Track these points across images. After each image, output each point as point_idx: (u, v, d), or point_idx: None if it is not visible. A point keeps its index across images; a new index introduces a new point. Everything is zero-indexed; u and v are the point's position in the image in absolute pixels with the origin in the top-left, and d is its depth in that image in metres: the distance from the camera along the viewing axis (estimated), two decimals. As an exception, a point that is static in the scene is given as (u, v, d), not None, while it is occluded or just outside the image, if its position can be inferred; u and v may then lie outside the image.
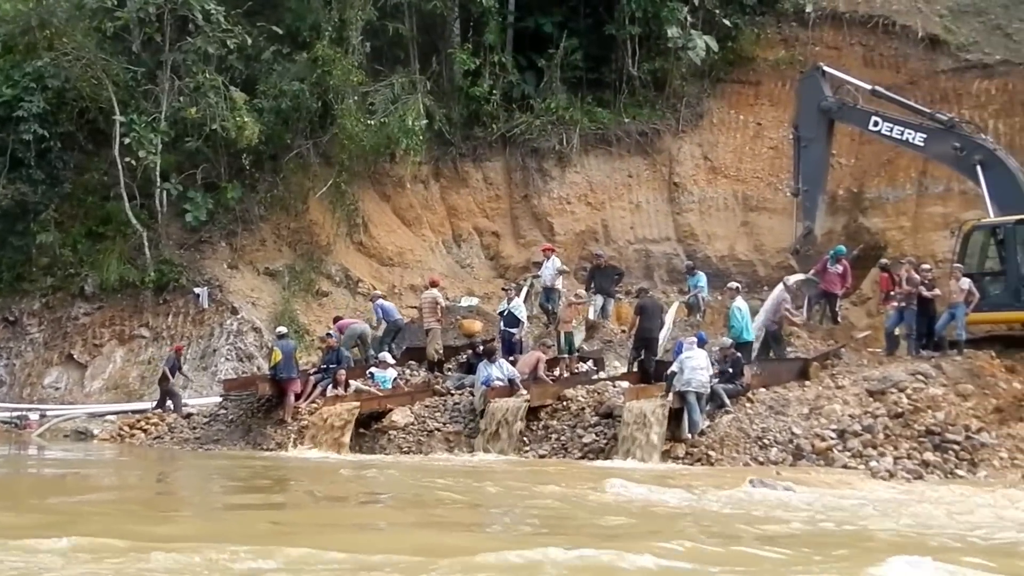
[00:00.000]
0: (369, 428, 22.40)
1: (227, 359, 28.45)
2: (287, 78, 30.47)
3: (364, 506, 15.35)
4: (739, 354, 20.99)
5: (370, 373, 23.91)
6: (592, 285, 27.14)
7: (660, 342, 23.51)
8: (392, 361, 24.25)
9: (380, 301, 26.12)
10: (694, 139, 32.75)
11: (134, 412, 26.93)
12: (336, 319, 26.96)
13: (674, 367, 20.17)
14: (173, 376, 26.50)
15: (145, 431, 25.47)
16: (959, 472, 17.93)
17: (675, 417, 19.81)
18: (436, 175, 32.90)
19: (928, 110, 25.55)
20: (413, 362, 25.21)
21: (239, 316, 29.07)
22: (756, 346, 22.75)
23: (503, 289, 25.90)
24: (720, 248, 31.23)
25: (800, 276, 25.72)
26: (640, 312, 22.96)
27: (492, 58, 32.33)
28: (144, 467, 21.99)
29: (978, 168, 23.68)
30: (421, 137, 30.50)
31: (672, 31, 31.83)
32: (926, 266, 23.70)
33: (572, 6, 33.79)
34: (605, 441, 20.22)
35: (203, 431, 24.44)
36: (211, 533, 11.65)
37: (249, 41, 30.03)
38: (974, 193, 24.96)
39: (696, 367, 19.80)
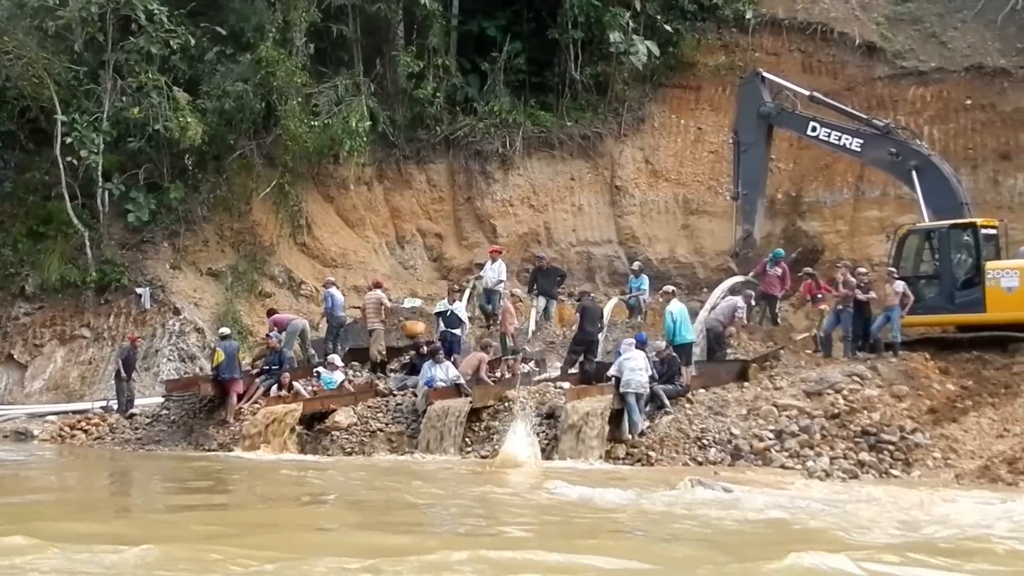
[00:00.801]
0: (312, 429, 22.41)
1: (169, 360, 28.28)
2: (231, 79, 30.34)
3: (306, 507, 15.40)
4: (675, 355, 21.26)
5: (317, 373, 23.91)
6: (534, 287, 27.33)
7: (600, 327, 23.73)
8: (340, 363, 24.25)
9: (332, 290, 25.89)
10: (636, 143, 33.02)
11: (75, 412, 26.71)
12: (270, 312, 26.89)
13: (612, 370, 20.40)
14: (128, 370, 26.14)
15: (86, 431, 25.31)
16: (894, 472, 18.28)
17: (615, 418, 20.04)
18: (380, 177, 32.90)
19: (865, 116, 25.96)
20: (356, 363, 25.25)
21: (181, 317, 28.93)
22: (703, 346, 23.00)
23: (452, 290, 25.92)
24: (661, 251, 31.53)
25: (740, 278, 26.07)
26: (582, 314, 23.17)
27: (436, 61, 32.37)
28: (85, 468, 21.87)
29: (913, 173, 24.10)
30: (365, 139, 30.50)
31: (614, 36, 32.04)
32: (862, 269, 24.11)
33: (516, 10, 33.94)
34: (546, 442, 20.37)
35: (145, 432, 24.33)
36: (151, 534, 11.65)
37: (192, 41, 29.87)
38: (909, 198, 25.38)
39: (635, 368, 20.05)
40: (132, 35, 29.63)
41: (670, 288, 24.79)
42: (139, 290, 29.32)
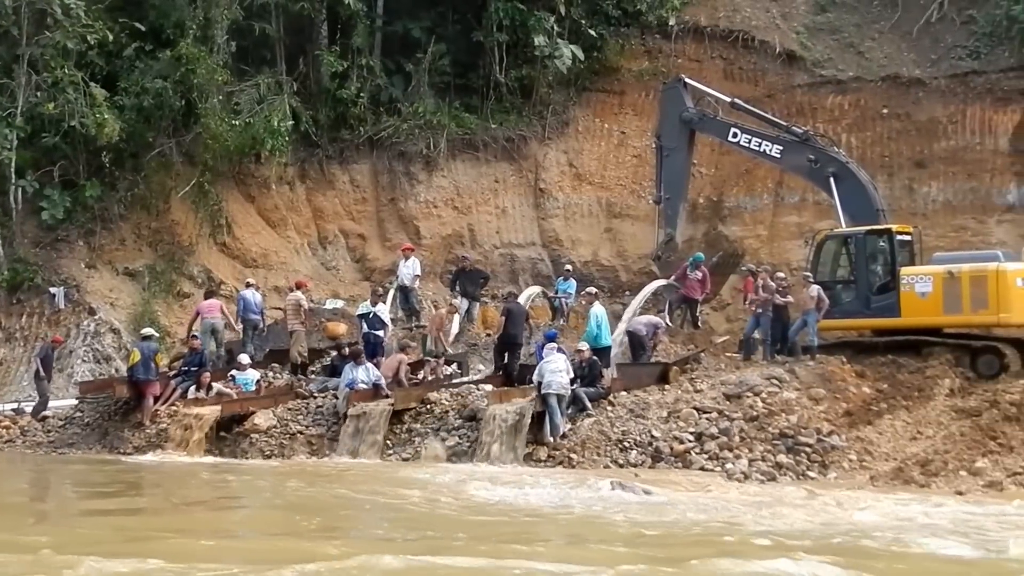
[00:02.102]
0: (230, 431, 22.13)
1: (84, 361, 27.77)
2: (149, 75, 29.90)
3: (224, 511, 15.23)
4: (596, 358, 21.35)
5: (231, 376, 23.65)
6: (457, 288, 27.30)
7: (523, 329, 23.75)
8: (247, 361, 23.99)
9: (245, 291, 25.65)
10: (560, 146, 33.12)
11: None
12: (208, 294, 26.47)
13: (535, 377, 20.42)
14: (47, 370, 25.65)
15: (-5, 434, 24.76)
16: (811, 474, 18.48)
17: (537, 420, 20.06)
18: (302, 177, 32.63)
19: (784, 123, 26.24)
20: (276, 364, 25.02)
21: (97, 317, 28.42)
22: (618, 351, 23.11)
23: (375, 292, 25.77)
24: (584, 253, 31.65)
25: (662, 282, 26.26)
26: (506, 316, 23.17)
27: (360, 61, 32.20)
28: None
29: (831, 180, 24.40)
30: (287, 138, 30.25)
31: (539, 40, 32.11)
32: (781, 274, 24.41)
33: (441, 12, 33.88)
34: (468, 444, 20.36)
35: (58, 434, 23.82)
36: (64, 540, 11.45)
37: (111, 37, 29.37)
38: (827, 204, 25.69)
39: (555, 370, 20.08)
40: (48, 29, 29.07)
41: (593, 290, 24.91)
42: (53, 290, 28.76)
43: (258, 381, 23.49)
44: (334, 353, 24.12)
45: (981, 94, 29.64)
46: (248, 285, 26.06)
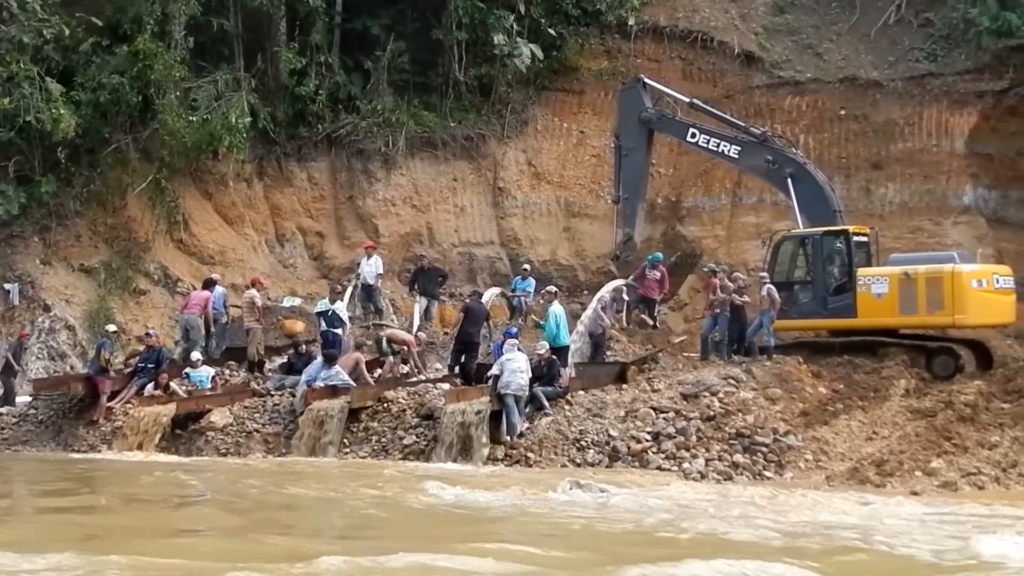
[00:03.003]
0: (186, 429, 21.97)
1: (38, 358, 27.48)
2: (106, 71, 29.60)
3: (178, 510, 15.13)
4: (555, 357, 21.36)
5: (186, 374, 23.48)
6: (415, 287, 27.24)
7: (482, 328, 23.73)
8: (197, 357, 23.83)
9: (220, 289, 25.65)
10: (519, 145, 33.10)
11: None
12: (208, 283, 26.04)
13: (494, 370, 20.43)
14: (18, 364, 25.34)
15: (-52, 432, 24.46)
16: (767, 473, 18.58)
17: (495, 419, 20.04)
18: (260, 174, 32.43)
19: (743, 124, 26.37)
20: (233, 362, 24.87)
21: (52, 314, 28.14)
22: (578, 347, 23.12)
23: (333, 290, 25.66)
24: (542, 253, 31.65)
25: (620, 282, 26.30)
26: (465, 313, 23.13)
27: (319, 58, 32.03)
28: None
29: (789, 181, 24.57)
30: (245, 135, 30.04)
31: (498, 38, 32.07)
32: (738, 274, 24.54)
33: (400, 9, 33.76)
34: (426, 443, 20.31)
35: (11, 432, 23.54)
36: (17, 538, 11.33)
37: (67, 31, 29.08)
38: (785, 205, 25.84)
39: (515, 370, 20.08)
40: (3, 23, 28.76)
41: (552, 289, 24.97)
42: (7, 286, 28.45)
43: (213, 378, 23.34)
44: (291, 351, 23.99)
45: (938, 96, 29.87)
46: (213, 282, 25.85)
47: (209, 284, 25.86)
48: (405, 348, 23.45)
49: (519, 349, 20.86)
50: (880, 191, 29.62)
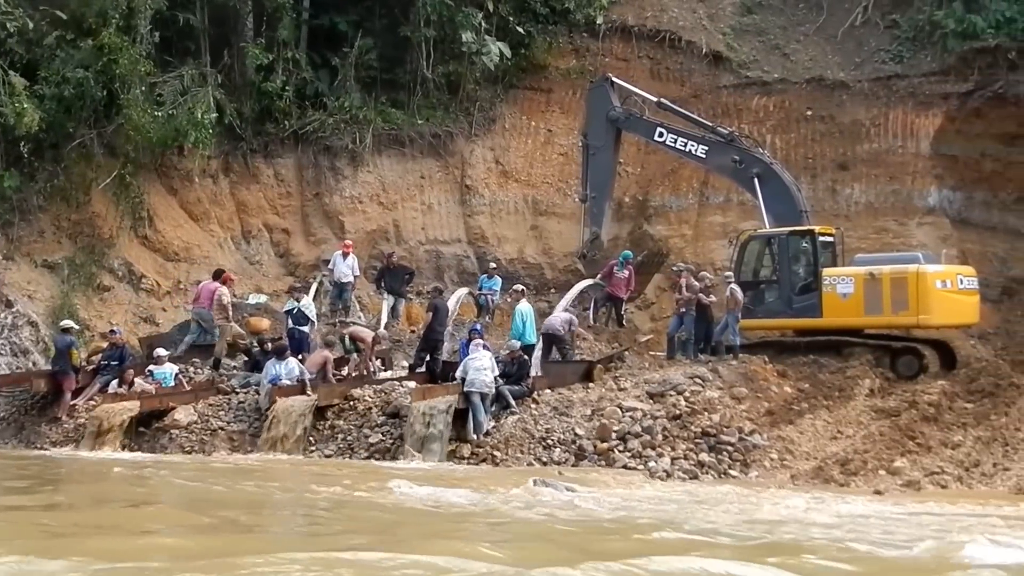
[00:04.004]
0: (150, 427, 21.83)
1: (0, 354, 27.23)
2: (71, 65, 29.30)
3: (142, 508, 14.99)
4: (525, 357, 21.35)
5: (149, 371, 23.32)
6: (382, 284, 27.16)
7: (447, 326, 23.69)
8: (164, 353, 23.69)
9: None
10: (486, 143, 33.05)
11: None
12: (217, 274, 25.95)
13: (459, 371, 20.39)
14: None
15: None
16: (732, 472, 18.66)
17: (461, 417, 20.02)
18: (226, 170, 32.21)
19: (710, 123, 26.48)
20: (197, 360, 24.73)
21: (14, 309, 27.82)
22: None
23: (294, 287, 25.55)
24: (509, 251, 31.61)
25: (589, 281, 26.36)
26: (433, 312, 23.08)
27: (286, 54, 31.85)
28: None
29: (755, 180, 24.68)
30: (211, 131, 29.80)
31: (466, 36, 32.02)
32: (705, 273, 24.61)
33: (368, 6, 33.64)
34: (392, 441, 20.27)
35: (-28, 429, 23.38)
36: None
37: (31, 25, 28.80)
38: (751, 204, 25.96)
39: (480, 368, 20.06)
40: (-35, 17, 28.46)
41: (520, 287, 24.95)
42: (-31, 281, 28.17)
43: (177, 375, 23.19)
44: (256, 348, 23.87)
45: (903, 97, 30.06)
46: (222, 272, 25.98)
47: (218, 275, 25.76)
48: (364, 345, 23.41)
49: (485, 347, 20.86)
50: (846, 191, 29.76)
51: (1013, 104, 28.91)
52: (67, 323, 24.18)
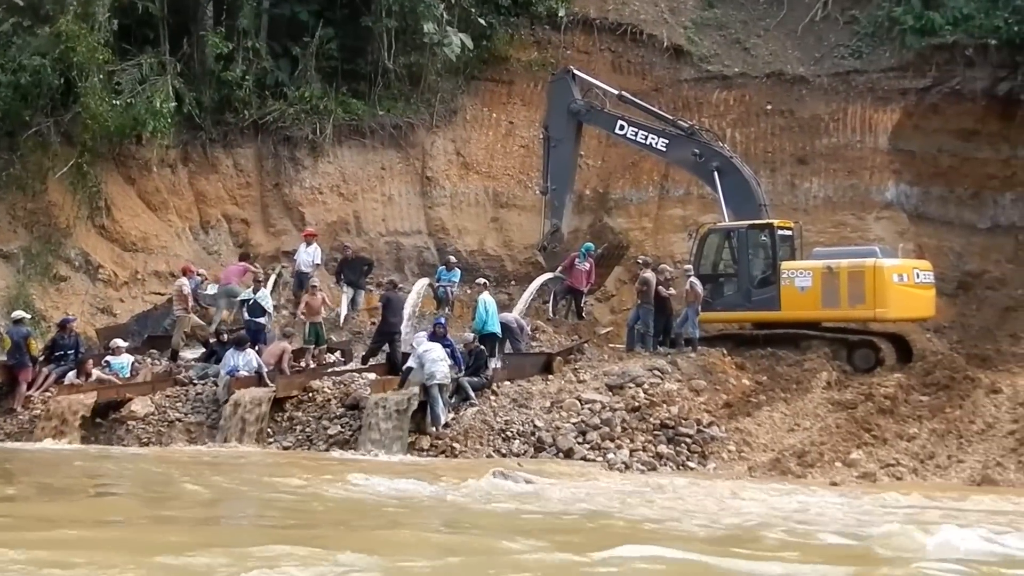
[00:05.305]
0: (106, 418, 21.65)
1: (-46, 345, 26.95)
2: (27, 52, 28.99)
3: (97, 499, 14.90)
4: (482, 347, 21.36)
5: (106, 362, 23.13)
6: (342, 277, 27.07)
7: (405, 320, 23.62)
8: (124, 344, 23.52)
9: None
10: (447, 135, 32.97)
11: None
12: (244, 256, 27.15)
13: (411, 362, 20.33)
14: None
15: None
16: (691, 464, 18.79)
17: (421, 409, 19.99)
18: (184, 159, 31.95)
19: (670, 117, 26.56)
20: (155, 351, 24.56)
21: (-32, 299, 27.59)
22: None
23: (256, 279, 25.40)
24: (470, 243, 31.58)
25: (550, 275, 26.40)
26: (385, 304, 23.01)
27: (246, 43, 31.61)
28: None
29: (715, 174, 24.78)
30: (169, 120, 29.55)
31: (428, 27, 31.89)
32: (665, 266, 24.69)
33: (330, -5, 33.53)
34: (351, 433, 20.22)
35: (-76, 420, 23.09)
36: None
37: (-14, 11, 28.54)
38: (711, 198, 26.06)
39: (435, 359, 20.02)
40: (-81, 2, 28.11)
41: (482, 280, 24.94)
42: (-77, 270, 27.85)
43: (133, 365, 23.02)
44: (213, 340, 23.73)
45: (862, 93, 30.25)
46: (247, 256, 26.85)
47: (244, 257, 26.99)
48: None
49: (445, 340, 20.86)
50: (805, 186, 29.93)
51: (970, 100, 29.19)
52: (18, 314, 23.87)
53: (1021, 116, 28.68)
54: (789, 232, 24.26)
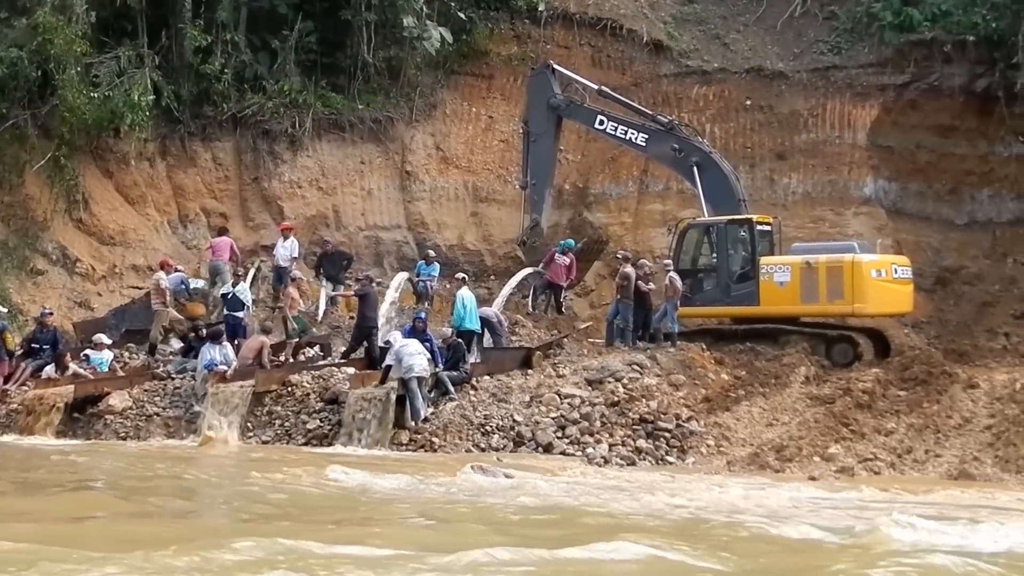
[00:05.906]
0: (84, 412, 21.58)
1: (-70, 339, 26.75)
2: (4, 44, 28.78)
3: (73, 494, 14.81)
4: (460, 341, 21.35)
5: (85, 355, 23.04)
6: (321, 271, 27.02)
7: (382, 313, 23.62)
8: (108, 341, 23.45)
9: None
10: (427, 129, 32.92)
11: None
12: (223, 231, 27.36)
13: (388, 360, 20.28)
14: None
15: None
16: (669, 459, 18.84)
17: (400, 404, 19.98)
18: (163, 153, 31.80)
19: (650, 112, 26.57)
20: (132, 345, 24.47)
21: (-55, 293, 27.43)
22: None
23: (235, 275, 25.34)
24: (450, 237, 31.55)
25: (530, 270, 26.40)
26: (362, 299, 22.97)
27: (225, 36, 31.45)
28: None
29: (694, 169, 24.81)
30: (148, 113, 29.43)
31: (408, 21, 31.81)
32: (644, 261, 24.72)
33: (309, -12, 33.40)
34: (330, 427, 20.21)
35: (-100, 415, 22.94)
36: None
37: (-38, 4, 28.33)
38: (691, 193, 26.08)
39: (413, 353, 20.00)
40: None
41: (461, 275, 24.93)
42: (-102, 264, 27.67)
43: (112, 361, 22.93)
44: (191, 333, 23.65)
45: (841, 88, 30.34)
46: (226, 230, 27.14)
47: (224, 231, 27.30)
48: None
49: (424, 335, 20.84)
50: (784, 181, 30.00)
51: (948, 96, 29.31)
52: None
53: (999, 112, 28.79)
54: (768, 227, 24.31)
